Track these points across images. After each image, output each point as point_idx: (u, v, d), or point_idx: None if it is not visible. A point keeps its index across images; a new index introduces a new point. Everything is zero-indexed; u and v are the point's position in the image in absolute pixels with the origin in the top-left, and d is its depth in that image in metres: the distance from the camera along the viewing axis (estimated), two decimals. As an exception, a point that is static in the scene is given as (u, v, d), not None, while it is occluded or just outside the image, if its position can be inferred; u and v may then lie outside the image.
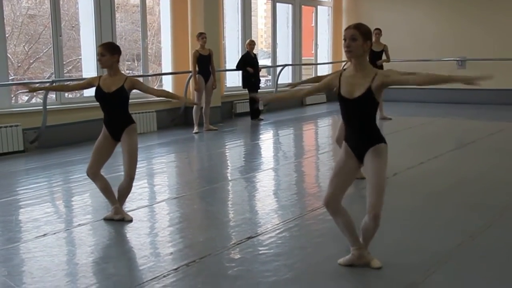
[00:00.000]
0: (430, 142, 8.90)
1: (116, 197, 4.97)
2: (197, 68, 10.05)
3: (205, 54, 10.07)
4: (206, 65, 10.14)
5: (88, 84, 5.07)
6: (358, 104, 3.51)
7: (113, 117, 4.87)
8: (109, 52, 4.76)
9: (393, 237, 4.44)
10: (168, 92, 4.96)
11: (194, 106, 10.19)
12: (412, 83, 3.47)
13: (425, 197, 5.62)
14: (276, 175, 7.08)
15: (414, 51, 14.65)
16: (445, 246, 4.17)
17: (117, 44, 5.01)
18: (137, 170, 4.96)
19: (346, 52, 3.52)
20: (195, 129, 10.08)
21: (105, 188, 4.96)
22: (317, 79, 5.53)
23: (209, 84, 10.26)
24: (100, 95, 4.85)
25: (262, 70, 11.57)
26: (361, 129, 3.59)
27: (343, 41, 3.55)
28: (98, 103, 4.93)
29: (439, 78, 3.55)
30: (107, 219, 4.93)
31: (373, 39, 10.38)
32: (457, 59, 13.96)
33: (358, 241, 3.76)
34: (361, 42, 3.45)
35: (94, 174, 4.95)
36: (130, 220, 4.90)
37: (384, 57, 10.84)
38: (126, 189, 4.96)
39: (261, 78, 11.80)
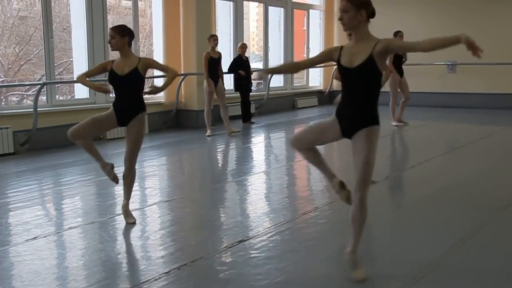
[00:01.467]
0: (422, 146, 8.94)
1: (123, 190, 4.95)
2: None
3: (215, 56, 10.06)
4: (215, 67, 10.09)
5: (101, 68, 4.96)
6: (359, 74, 3.35)
7: (125, 102, 4.77)
8: (119, 34, 4.69)
9: (383, 241, 4.45)
10: (175, 74, 4.97)
11: (205, 109, 10.13)
12: (419, 49, 3.33)
13: (416, 201, 5.64)
14: (267, 178, 7.08)
15: (406, 55, 14.70)
16: (436, 250, 4.18)
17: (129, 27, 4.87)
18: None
19: (342, 25, 3.43)
20: (208, 132, 10.01)
21: (88, 146, 4.94)
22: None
23: (221, 87, 10.23)
24: (113, 78, 4.76)
25: (254, 73, 11.58)
26: (359, 105, 3.40)
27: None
28: (92, 105, 4.90)
29: (445, 41, 3.26)
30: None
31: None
32: (448, 63, 14.03)
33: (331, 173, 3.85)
34: (353, 12, 3.35)
35: (75, 136, 4.92)
36: (133, 223, 4.88)
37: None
38: (128, 177, 4.89)
39: (253, 81, 11.80)
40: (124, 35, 4.71)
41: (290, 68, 4.28)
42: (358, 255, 3.63)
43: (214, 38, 10.09)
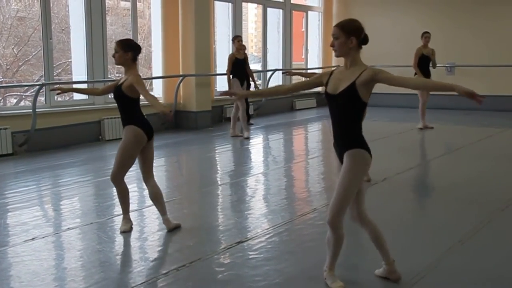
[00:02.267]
0: (420, 148, 8.95)
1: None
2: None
3: (240, 57, 9.98)
4: (241, 68, 10.03)
5: (115, 84, 4.78)
6: (340, 100, 3.36)
7: (120, 114, 4.69)
8: (122, 48, 4.55)
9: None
10: (155, 99, 4.72)
11: (233, 111, 10.07)
12: (409, 85, 3.34)
13: (414, 202, 5.65)
14: (266, 179, 7.08)
15: (404, 56, 14.69)
16: (435, 251, 4.19)
17: (133, 42, 4.74)
18: (127, 174, 4.88)
19: (333, 51, 3.44)
20: (246, 134, 9.90)
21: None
22: (310, 75, 5.44)
23: (246, 88, 10.17)
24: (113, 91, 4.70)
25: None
26: (341, 129, 3.41)
27: None
28: (90, 106, 4.88)
29: (438, 86, 3.41)
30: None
31: (422, 42, 10.44)
32: (446, 65, 14.05)
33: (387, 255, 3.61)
34: (343, 39, 3.34)
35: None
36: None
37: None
38: (119, 193, 4.80)
39: (251, 83, 11.80)
40: (127, 50, 4.55)
41: (272, 92, 4.21)
42: (334, 272, 3.57)
43: (238, 39, 10.02)
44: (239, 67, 9.98)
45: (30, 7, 12.85)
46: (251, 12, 19.90)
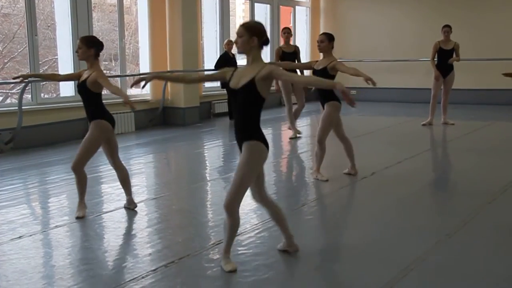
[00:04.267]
0: (407, 142, 8.98)
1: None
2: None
3: (289, 51, 9.34)
4: (445, 59, 9.93)
5: (77, 75, 5.11)
6: (240, 94, 3.60)
7: (85, 108, 4.96)
8: (85, 44, 4.81)
9: (370, 236, 4.47)
10: (119, 89, 4.97)
11: (286, 108, 9.52)
12: (298, 82, 3.81)
13: (402, 196, 5.67)
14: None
15: (392, 51, 14.78)
16: (423, 245, 4.21)
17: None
18: (113, 171, 4.90)
19: (237, 48, 3.70)
20: (293, 134, 9.41)
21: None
22: (309, 64, 6.57)
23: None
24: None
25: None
26: (240, 122, 3.65)
27: None
28: (77, 103, 4.98)
29: (322, 82, 4.05)
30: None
31: (442, 37, 10.07)
32: (434, 59, 14.11)
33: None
34: (246, 38, 3.59)
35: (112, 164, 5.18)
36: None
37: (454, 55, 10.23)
38: (79, 181, 5.07)
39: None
40: (90, 46, 4.82)
41: (179, 79, 4.46)
42: (230, 254, 3.80)
43: (284, 32, 9.50)
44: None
45: (15, 3, 12.70)
46: (239, 7, 19.86)
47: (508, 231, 4.61)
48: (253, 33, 3.60)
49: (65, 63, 9.68)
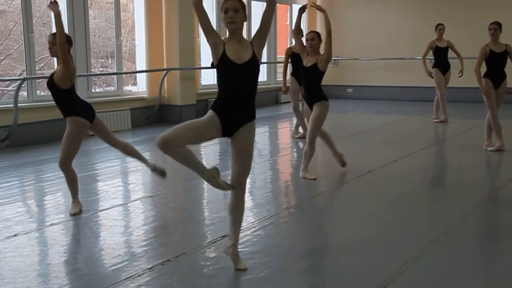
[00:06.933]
0: (404, 140, 8.99)
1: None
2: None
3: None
4: (443, 56, 10.13)
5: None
6: (247, 69, 3.51)
7: (58, 106, 5.02)
8: (55, 42, 4.83)
9: (366, 234, 4.47)
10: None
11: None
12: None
13: (399, 194, 5.67)
14: (251, 173, 6.97)
15: (388, 49, 14.77)
16: (419, 243, 4.21)
17: (74, 40, 5.24)
18: (112, 168, 4.89)
19: (229, 23, 3.49)
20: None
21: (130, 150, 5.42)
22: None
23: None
24: None
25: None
26: (245, 100, 3.56)
27: (223, 14, 3.49)
28: None
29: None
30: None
31: (437, 35, 10.22)
32: (431, 57, 14.12)
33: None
34: (242, 14, 3.53)
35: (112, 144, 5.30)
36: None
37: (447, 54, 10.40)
38: (67, 179, 5.10)
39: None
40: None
41: None
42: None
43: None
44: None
45: (11, 0, 12.66)
46: (236, 5, 19.94)
47: (505, 229, 4.62)
48: (244, 10, 3.59)
49: (61, 61, 9.63)
